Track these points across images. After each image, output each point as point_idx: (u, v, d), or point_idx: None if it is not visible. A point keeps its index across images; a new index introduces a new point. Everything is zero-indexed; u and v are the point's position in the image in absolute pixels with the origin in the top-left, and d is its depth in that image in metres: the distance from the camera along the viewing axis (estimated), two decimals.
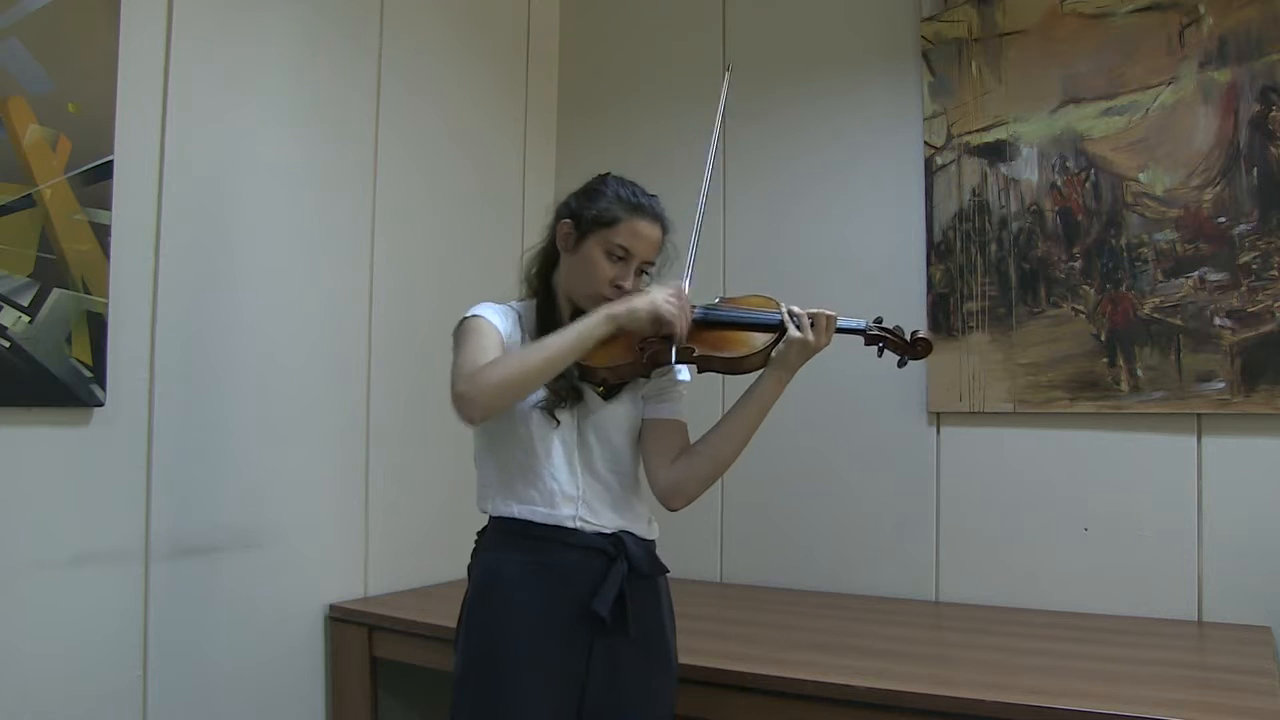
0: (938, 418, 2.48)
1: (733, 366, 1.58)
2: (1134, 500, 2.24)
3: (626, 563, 1.54)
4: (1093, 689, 1.61)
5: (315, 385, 2.32)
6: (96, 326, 1.86)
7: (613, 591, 1.51)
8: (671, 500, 1.60)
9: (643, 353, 1.51)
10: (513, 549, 1.55)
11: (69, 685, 1.81)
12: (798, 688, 1.71)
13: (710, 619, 2.33)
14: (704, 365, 1.58)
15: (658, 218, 1.57)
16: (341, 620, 2.31)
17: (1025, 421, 2.37)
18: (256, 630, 2.16)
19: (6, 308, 1.72)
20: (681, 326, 1.49)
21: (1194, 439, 2.20)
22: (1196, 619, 2.17)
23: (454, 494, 2.65)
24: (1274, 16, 2.13)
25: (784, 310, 1.56)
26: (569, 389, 1.54)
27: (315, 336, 2.33)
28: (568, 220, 1.58)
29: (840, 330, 1.58)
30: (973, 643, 2.03)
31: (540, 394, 1.52)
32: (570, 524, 1.54)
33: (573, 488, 1.55)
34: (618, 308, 1.47)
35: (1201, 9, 2.20)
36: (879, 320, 1.61)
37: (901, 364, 1.61)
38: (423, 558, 2.57)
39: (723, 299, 1.66)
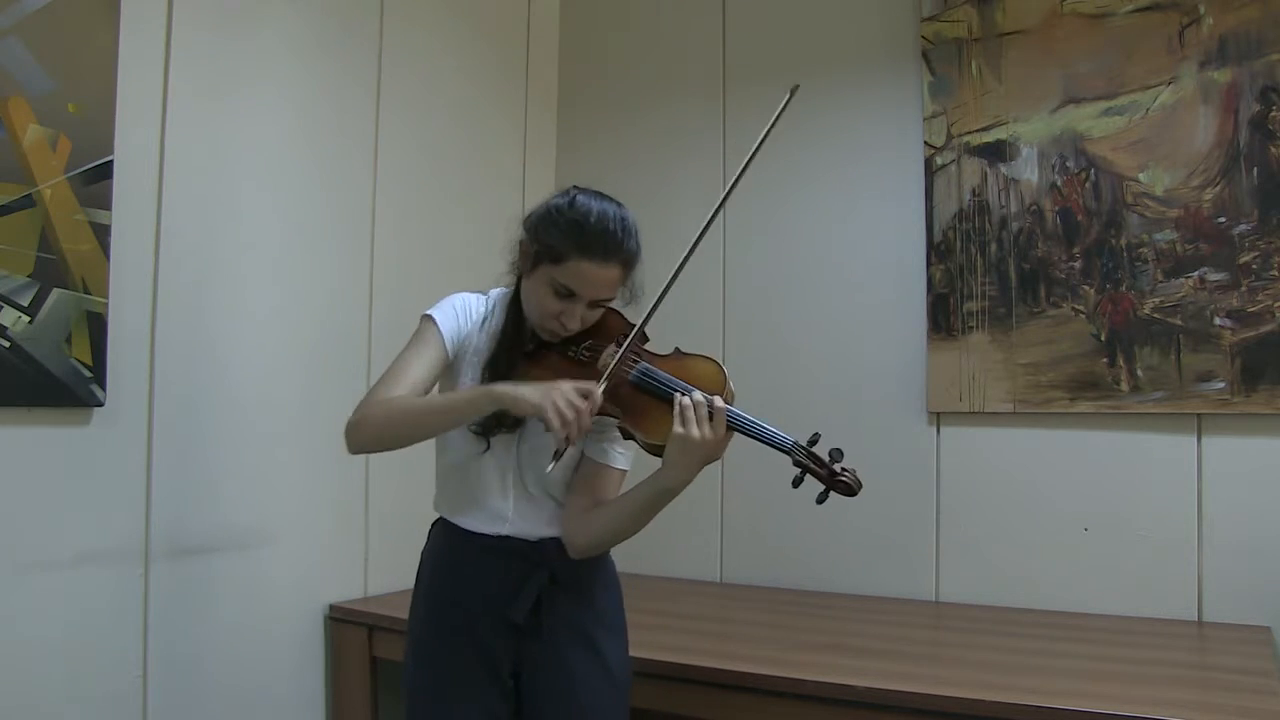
0: (938, 418, 2.48)
1: (646, 448, 1.41)
2: (1134, 500, 2.24)
3: (549, 571, 1.52)
4: (1093, 689, 1.61)
5: (315, 385, 2.32)
6: (96, 326, 1.86)
7: (529, 600, 1.50)
8: (570, 549, 1.53)
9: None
10: (446, 550, 1.58)
11: (69, 685, 1.81)
12: (798, 688, 1.71)
13: (710, 619, 2.34)
14: (626, 435, 1.44)
15: (609, 257, 1.41)
16: (341, 620, 2.31)
17: (1025, 421, 2.37)
18: (256, 630, 2.16)
19: (6, 308, 1.72)
20: (568, 436, 1.30)
21: (1194, 439, 2.20)
22: (1196, 619, 2.17)
23: None
24: (1274, 16, 2.13)
25: (676, 401, 1.36)
26: (510, 415, 1.45)
27: (315, 336, 2.33)
28: (526, 240, 1.48)
29: (761, 440, 1.40)
30: (972, 643, 2.03)
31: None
32: (495, 534, 1.53)
33: (504, 506, 1.53)
34: (506, 391, 1.34)
35: (1201, 9, 2.20)
36: (814, 439, 1.40)
37: (821, 498, 1.40)
38: None
39: (677, 352, 1.49)
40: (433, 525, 1.65)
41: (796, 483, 1.42)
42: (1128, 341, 2.25)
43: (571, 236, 1.40)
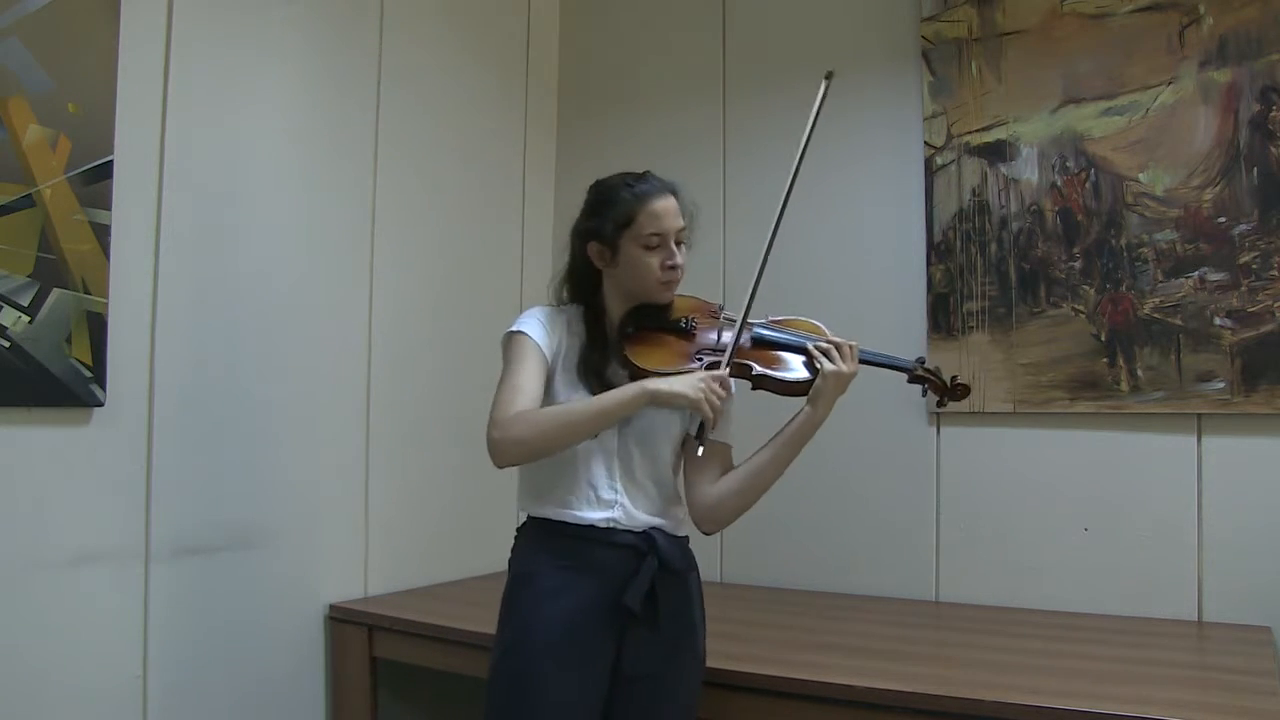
0: (938, 418, 2.48)
1: (788, 389, 1.59)
2: (1134, 500, 2.24)
3: (657, 558, 1.57)
4: (1093, 689, 1.61)
5: (315, 385, 2.32)
6: (96, 326, 1.86)
7: (644, 586, 1.54)
8: (704, 524, 1.64)
9: (700, 364, 1.55)
10: (546, 547, 1.59)
11: (69, 685, 1.81)
12: (798, 688, 1.71)
13: (710, 619, 2.32)
14: (758, 384, 1.60)
15: (663, 190, 1.59)
16: (341, 620, 2.31)
17: (1025, 421, 2.37)
18: (256, 630, 2.16)
19: (6, 308, 1.72)
20: (715, 418, 1.51)
21: (1194, 439, 2.20)
22: (1196, 619, 2.17)
23: (454, 494, 2.66)
24: (1274, 16, 2.13)
25: (812, 347, 1.59)
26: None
27: (315, 336, 2.33)
28: (594, 242, 1.60)
29: (885, 365, 1.66)
30: (973, 643, 2.03)
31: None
32: (603, 525, 1.57)
33: (610, 494, 1.58)
34: (660, 385, 1.48)
35: (1201, 9, 2.20)
36: (921, 360, 1.69)
37: (941, 404, 1.70)
38: (423, 558, 2.57)
39: (770, 320, 1.68)
40: (521, 528, 1.67)
41: (923, 393, 1.75)
42: (1128, 341, 2.25)
43: (628, 196, 1.57)
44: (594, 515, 1.56)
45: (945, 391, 1.68)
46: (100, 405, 1.86)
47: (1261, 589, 2.10)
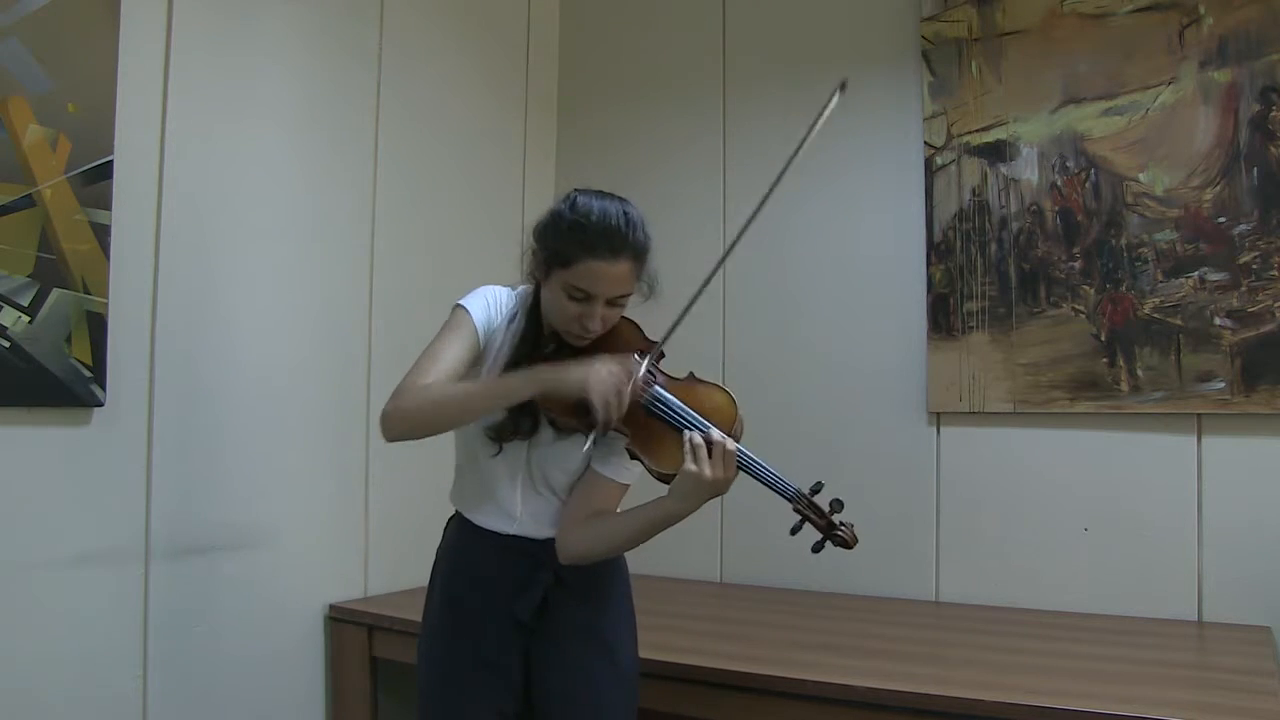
0: (938, 418, 2.48)
1: (654, 475, 1.43)
2: (1134, 500, 2.24)
3: (554, 571, 1.54)
4: (1093, 689, 1.61)
5: (315, 385, 2.32)
6: (96, 326, 1.86)
7: (534, 598, 1.52)
8: (560, 555, 1.54)
9: (588, 414, 1.37)
10: (456, 548, 1.61)
11: (69, 685, 1.81)
12: (798, 688, 1.72)
13: (710, 619, 2.34)
14: (633, 456, 1.46)
15: (617, 252, 1.40)
16: (341, 620, 2.31)
17: (1025, 421, 2.37)
18: (256, 630, 2.16)
19: (6, 308, 1.72)
20: (609, 417, 1.34)
21: (1194, 439, 2.20)
22: (1196, 619, 2.17)
23: None
24: (1274, 16, 2.13)
25: (686, 439, 1.39)
26: (529, 421, 1.49)
27: (315, 336, 2.33)
28: (535, 249, 1.49)
29: (765, 484, 1.45)
30: (973, 643, 2.03)
31: (498, 415, 1.49)
32: (504, 532, 1.56)
33: (513, 506, 1.55)
34: (547, 375, 1.38)
35: (1201, 9, 2.20)
36: (817, 488, 1.45)
37: (817, 548, 1.45)
38: (423, 558, 2.53)
39: (690, 378, 1.51)
40: (449, 521, 1.67)
41: (794, 530, 1.48)
42: (1128, 341, 2.25)
43: (576, 238, 1.40)
44: (498, 526, 1.55)
45: (826, 533, 1.43)
46: (100, 405, 1.86)
47: (1261, 589, 2.10)
